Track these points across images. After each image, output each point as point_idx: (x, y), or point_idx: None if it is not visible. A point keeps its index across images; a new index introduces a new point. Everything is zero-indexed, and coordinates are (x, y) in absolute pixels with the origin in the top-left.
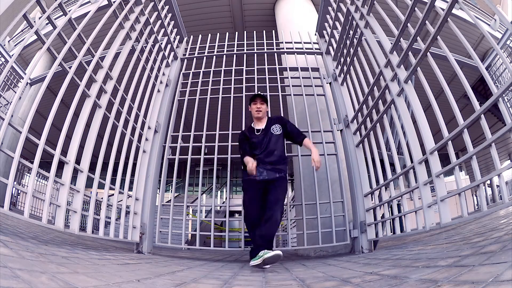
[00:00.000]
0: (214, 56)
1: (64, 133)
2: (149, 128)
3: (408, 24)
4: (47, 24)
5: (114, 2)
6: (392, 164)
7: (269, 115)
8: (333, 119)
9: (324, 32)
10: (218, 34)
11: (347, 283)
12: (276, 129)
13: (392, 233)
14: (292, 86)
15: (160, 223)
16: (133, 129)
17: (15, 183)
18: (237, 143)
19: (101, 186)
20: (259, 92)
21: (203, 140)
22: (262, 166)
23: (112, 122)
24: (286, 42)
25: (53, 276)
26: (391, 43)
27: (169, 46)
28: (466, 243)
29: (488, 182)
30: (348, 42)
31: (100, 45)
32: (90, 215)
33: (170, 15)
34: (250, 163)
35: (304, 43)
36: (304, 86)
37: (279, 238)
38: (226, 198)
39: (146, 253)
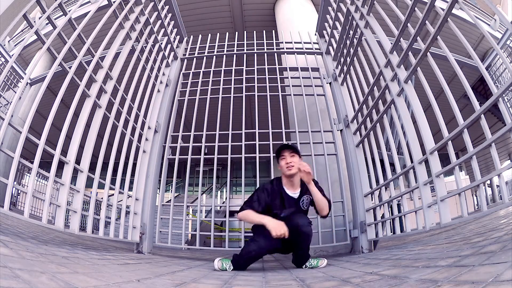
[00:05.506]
0: (214, 56)
1: (64, 133)
2: (149, 128)
3: (408, 24)
4: (47, 24)
5: (114, 2)
6: (392, 164)
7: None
8: (333, 119)
9: (324, 32)
10: (218, 34)
11: (347, 283)
12: (306, 202)
13: (392, 233)
14: (292, 86)
15: (160, 223)
16: (133, 129)
17: (15, 183)
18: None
19: (101, 186)
20: (286, 143)
21: (203, 140)
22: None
23: (112, 122)
24: (286, 42)
25: (53, 276)
26: (391, 43)
27: (169, 46)
28: (466, 243)
29: (488, 182)
30: (348, 42)
31: (100, 45)
32: (90, 215)
33: (170, 15)
34: (275, 223)
35: (304, 43)
36: (304, 86)
37: None
38: (226, 198)
39: (146, 253)
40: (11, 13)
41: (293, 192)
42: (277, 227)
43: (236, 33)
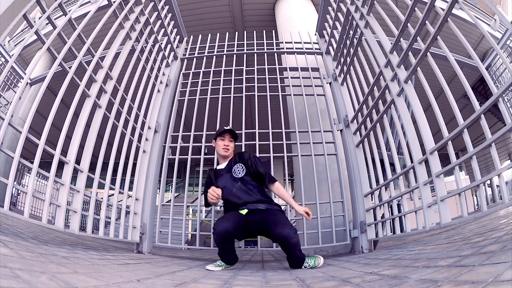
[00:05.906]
0: (214, 56)
1: (64, 133)
2: (149, 128)
3: (408, 24)
4: (47, 24)
5: (114, 2)
6: (392, 164)
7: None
8: (333, 119)
9: (324, 32)
10: (218, 34)
11: (347, 283)
12: (238, 170)
13: (392, 233)
14: (292, 86)
15: (160, 223)
16: (133, 129)
17: (15, 183)
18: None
19: (101, 186)
20: (229, 127)
21: (203, 140)
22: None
23: (112, 122)
24: (286, 42)
25: (53, 276)
26: (391, 43)
27: (169, 46)
28: (466, 243)
29: (488, 182)
30: (348, 42)
31: (100, 45)
32: (90, 215)
33: (170, 15)
34: (211, 189)
35: (304, 43)
36: (304, 86)
37: None
38: None
39: (146, 253)
40: (11, 13)
41: (221, 166)
42: (209, 194)
43: (236, 33)
